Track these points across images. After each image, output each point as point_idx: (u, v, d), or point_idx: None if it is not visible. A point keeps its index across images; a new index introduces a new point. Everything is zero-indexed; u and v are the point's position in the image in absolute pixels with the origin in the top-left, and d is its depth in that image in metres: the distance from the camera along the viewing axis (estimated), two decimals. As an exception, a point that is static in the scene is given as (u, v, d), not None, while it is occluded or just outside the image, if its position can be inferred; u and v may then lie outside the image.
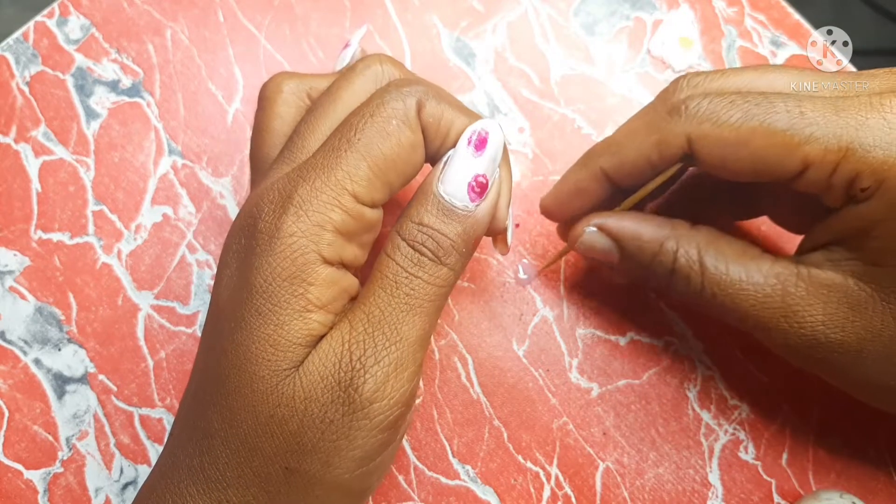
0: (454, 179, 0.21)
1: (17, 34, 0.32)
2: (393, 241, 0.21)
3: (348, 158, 0.19)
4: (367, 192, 0.20)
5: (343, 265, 0.20)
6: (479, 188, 0.21)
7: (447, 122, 0.21)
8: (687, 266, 0.23)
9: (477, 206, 0.21)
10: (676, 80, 0.23)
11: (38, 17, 0.33)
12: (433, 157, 0.22)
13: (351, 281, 0.21)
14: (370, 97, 0.21)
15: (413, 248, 0.20)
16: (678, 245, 0.23)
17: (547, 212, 0.27)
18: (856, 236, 0.21)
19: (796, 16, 0.33)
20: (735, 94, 0.21)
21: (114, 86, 0.32)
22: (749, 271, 0.22)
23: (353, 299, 0.21)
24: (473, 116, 0.22)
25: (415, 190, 0.22)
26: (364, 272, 0.22)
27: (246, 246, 0.20)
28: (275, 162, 0.22)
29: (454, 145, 0.21)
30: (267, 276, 0.19)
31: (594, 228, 0.24)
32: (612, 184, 0.24)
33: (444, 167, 0.21)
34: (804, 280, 0.21)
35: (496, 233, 0.24)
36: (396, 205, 0.30)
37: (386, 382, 0.19)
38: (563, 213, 0.26)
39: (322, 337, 0.20)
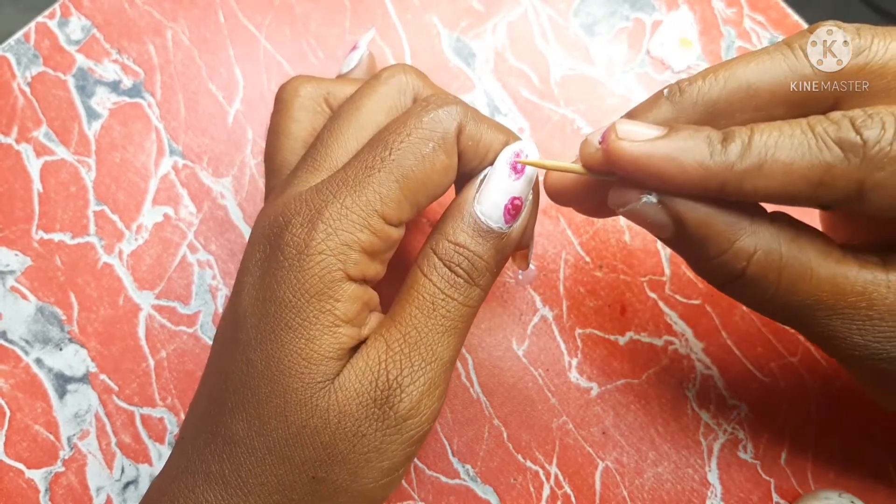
0: (491, 200, 0.21)
1: (19, 35, 0.32)
2: (428, 258, 0.21)
3: (380, 179, 0.19)
4: (395, 213, 0.20)
5: (365, 281, 0.20)
6: (514, 210, 0.21)
7: (486, 144, 0.21)
8: (762, 272, 0.19)
9: (510, 227, 0.21)
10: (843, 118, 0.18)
11: (40, 18, 0.33)
12: (469, 175, 0.22)
13: (371, 295, 0.21)
14: (407, 114, 0.21)
15: (449, 268, 0.20)
16: (756, 246, 0.19)
17: (613, 159, 0.19)
18: None
19: (795, 16, 0.33)
20: None
21: (115, 86, 0.32)
22: (835, 278, 0.19)
23: (373, 311, 0.21)
24: (511, 136, 0.22)
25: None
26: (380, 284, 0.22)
27: (270, 256, 0.20)
28: (297, 169, 0.21)
29: (491, 164, 0.21)
30: (295, 290, 0.19)
31: (654, 200, 0.19)
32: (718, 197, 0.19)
33: (480, 186, 0.21)
34: (894, 291, 0.19)
35: (519, 250, 0.24)
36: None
37: (420, 401, 0.20)
38: (634, 174, 0.19)
39: (352, 349, 0.20)
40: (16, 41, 0.32)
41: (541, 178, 0.23)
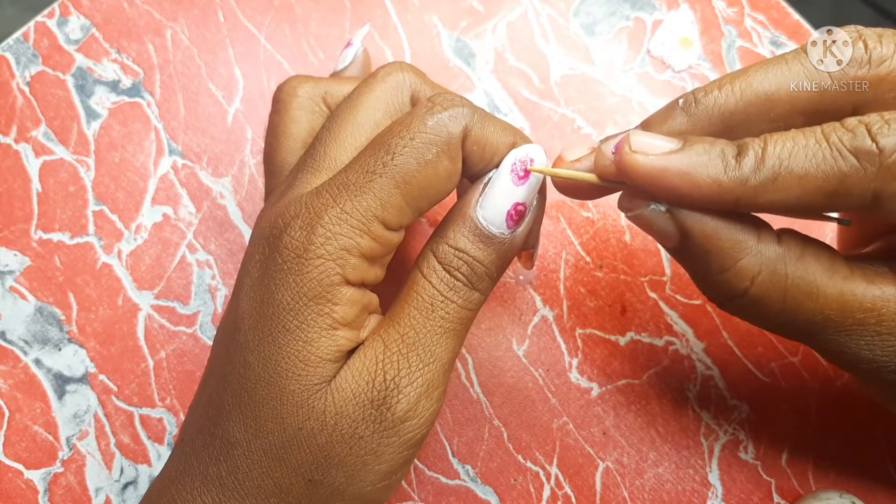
0: (494, 206, 0.20)
1: (18, 34, 0.32)
2: (428, 260, 0.20)
3: (382, 184, 0.19)
4: (396, 219, 0.19)
5: (363, 285, 0.20)
6: (517, 216, 0.21)
7: (492, 147, 0.21)
8: (766, 292, 0.19)
9: (513, 232, 0.21)
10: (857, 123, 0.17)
11: (39, 18, 0.33)
12: (474, 177, 0.21)
13: (370, 298, 0.21)
14: (411, 115, 0.20)
15: (448, 272, 0.20)
16: (761, 266, 0.19)
17: (625, 171, 0.19)
18: None
19: (796, 16, 0.33)
20: None
21: (114, 86, 0.32)
22: (842, 296, 0.19)
23: (371, 313, 0.21)
24: (519, 137, 0.21)
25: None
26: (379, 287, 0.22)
27: (269, 258, 0.20)
28: (296, 170, 0.21)
29: (496, 167, 0.21)
30: (294, 294, 0.19)
31: (663, 209, 0.19)
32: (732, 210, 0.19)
33: (483, 191, 0.21)
34: None
35: (525, 250, 0.24)
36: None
37: (418, 403, 0.19)
38: (644, 183, 0.19)
39: (349, 352, 0.20)
40: (15, 41, 0.32)
41: (548, 179, 0.22)
